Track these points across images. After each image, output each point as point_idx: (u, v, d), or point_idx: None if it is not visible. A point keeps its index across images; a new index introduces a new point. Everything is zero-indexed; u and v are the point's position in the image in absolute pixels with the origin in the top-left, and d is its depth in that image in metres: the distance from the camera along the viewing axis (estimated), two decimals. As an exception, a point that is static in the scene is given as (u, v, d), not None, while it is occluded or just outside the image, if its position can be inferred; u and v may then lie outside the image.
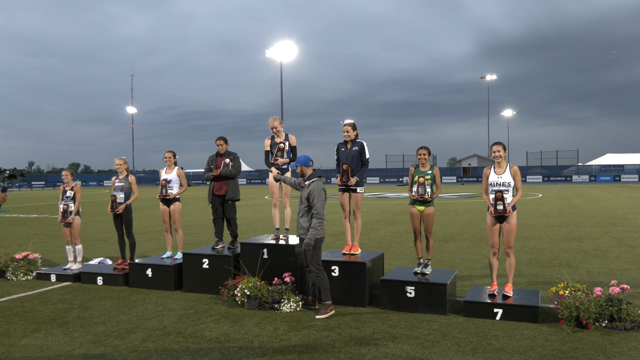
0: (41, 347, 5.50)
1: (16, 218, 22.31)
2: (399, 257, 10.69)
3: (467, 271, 9.16)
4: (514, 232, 6.53)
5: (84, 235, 15.08)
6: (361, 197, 7.51)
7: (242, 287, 6.87)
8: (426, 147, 7.13)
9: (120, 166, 9.01)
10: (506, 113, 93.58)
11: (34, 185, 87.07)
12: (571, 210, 22.28)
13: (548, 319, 6.17)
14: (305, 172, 6.84)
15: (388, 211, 22.90)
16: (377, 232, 15.00)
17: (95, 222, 19.61)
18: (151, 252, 11.67)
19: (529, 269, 9.33)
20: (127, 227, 9.00)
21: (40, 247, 12.94)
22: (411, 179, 7.19)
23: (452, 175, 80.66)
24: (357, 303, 6.96)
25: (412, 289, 6.66)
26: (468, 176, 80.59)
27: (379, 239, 13.47)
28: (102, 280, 8.60)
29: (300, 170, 6.84)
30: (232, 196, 8.43)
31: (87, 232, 16.08)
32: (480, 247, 11.93)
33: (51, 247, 12.95)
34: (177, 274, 8.20)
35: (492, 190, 6.57)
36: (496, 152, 6.60)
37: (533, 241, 12.75)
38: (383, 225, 16.86)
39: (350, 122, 7.46)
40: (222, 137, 8.53)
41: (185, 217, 20.44)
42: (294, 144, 7.95)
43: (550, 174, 75.88)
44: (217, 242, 8.50)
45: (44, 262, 10.55)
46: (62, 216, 9.12)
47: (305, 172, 6.84)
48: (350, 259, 7.17)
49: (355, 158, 7.39)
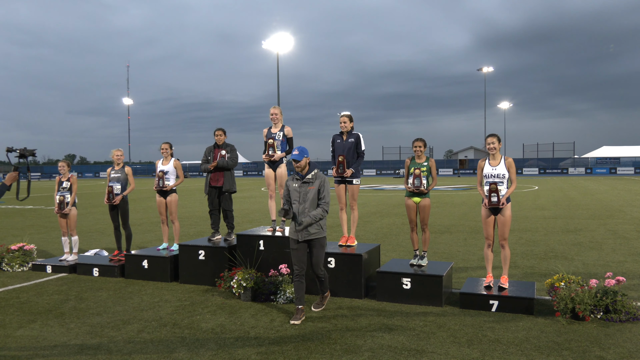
0: (37, 338, 5.50)
1: (12, 209, 22.25)
2: (395, 249, 10.71)
3: (463, 263, 9.18)
4: (508, 224, 6.54)
5: (80, 226, 15.06)
6: (357, 189, 7.50)
7: (238, 278, 6.86)
8: (422, 139, 7.12)
9: (117, 157, 8.98)
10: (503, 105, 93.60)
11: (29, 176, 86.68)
12: (567, 202, 22.33)
13: (543, 311, 6.19)
14: (306, 165, 6.21)
15: (384, 203, 22.92)
16: (374, 224, 15.01)
17: (92, 214, 19.57)
18: (147, 243, 11.65)
19: (525, 260, 9.35)
20: (124, 218, 8.98)
21: (36, 238, 12.91)
22: (407, 171, 7.18)
23: (449, 167, 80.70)
24: (354, 295, 6.98)
25: (408, 280, 6.67)
26: (464, 168, 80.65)
27: (375, 231, 13.48)
28: (98, 271, 8.59)
29: (305, 163, 6.13)
30: (228, 188, 8.42)
31: (83, 223, 16.05)
32: (476, 239, 11.95)
33: (47, 239, 12.92)
34: (173, 266, 8.19)
35: (486, 182, 6.57)
36: (491, 144, 6.60)
37: (529, 233, 12.78)
38: (379, 217, 16.87)
39: (347, 114, 7.44)
40: (221, 128, 8.51)
41: (181, 209, 20.42)
42: (290, 136, 7.94)
43: (547, 167, 75.95)
44: (213, 234, 8.49)
45: (40, 253, 10.53)
46: (59, 207, 9.09)
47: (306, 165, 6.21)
48: (347, 251, 7.17)
49: (351, 150, 7.38)
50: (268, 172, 8.07)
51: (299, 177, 6.14)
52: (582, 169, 73.56)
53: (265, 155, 7.95)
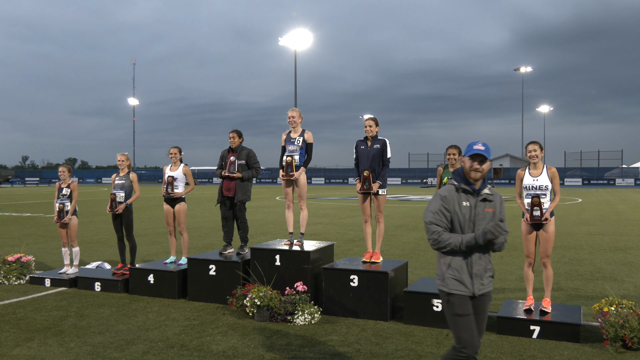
0: (34, 358, 5.54)
1: (8, 217, 22.61)
2: (424, 266, 10.62)
3: (499, 283, 9.06)
4: (551, 240, 6.45)
5: (81, 236, 15.22)
6: (384, 200, 7.47)
7: (252, 296, 6.86)
8: (457, 147, 7.09)
9: (122, 162, 9.07)
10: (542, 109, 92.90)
11: (27, 181, 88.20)
12: (615, 217, 21.97)
13: (590, 338, 6.07)
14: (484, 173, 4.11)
15: (411, 215, 22.80)
16: (400, 239, 14.93)
17: (93, 223, 19.79)
18: (153, 256, 11.73)
19: (569, 282, 9.21)
20: (128, 228, 9.05)
21: (34, 248, 13.08)
22: (439, 181, 7.14)
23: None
24: (379, 316, 6.92)
25: (439, 302, 6.60)
26: (499, 178, 79.98)
27: (401, 246, 13.40)
28: (100, 286, 8.66)
29: (488, 169, 4.04)
30: (241, 198, 8.43)
31: (84, 233, 16.22)
32: (514, 256, 11.81)
33: (46, 249, 13.09)
34: (182, 281, 8.22)
35: (527, 194, 6.49)
36: (532, 152, 6.52)
37: (573, 251, 12.59)
38: (406, 231, 16.78)
39: (373, 117, 7.43)
40: (236, 130, 8.54)
41: (190, 219, 20.54)
42: (311, 141, 7.93)
43: (591, 177, 74.98)
44: (225, 247, 8.51)
45: (38, 265, 10.66)
46: (58, 216, 9.19)
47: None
48: (371, 268, 7.13)
49: (377, 157, 7.36)
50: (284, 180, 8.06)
51: (470, 190, 4.01)
52: (630, 180, 72.33)
53: (283, 174, 7.86)
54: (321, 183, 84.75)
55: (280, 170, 7.91)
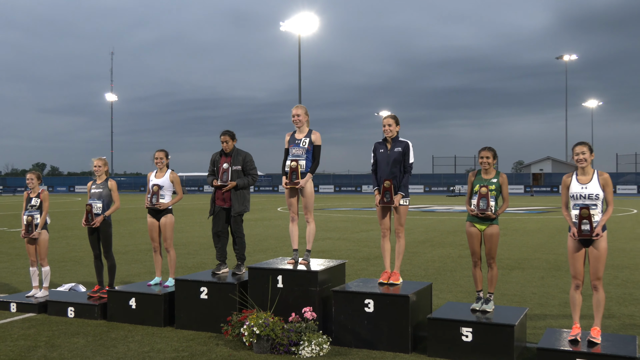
0: (-2, 396, 5.57)
1: (-32, 231, 22.74)
2: (451, 289, 10.61)
3: (540, 309, 9.04)
4: (603, 259, 6.42)
5: (51, 254, 15.26)
6: (405, 211, 7.49)
7: (250, 324, 6.87)
8: (491, 149, 7.09)
9: (99, 168, 9.11)
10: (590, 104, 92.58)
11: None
12: (676, 231, 21.86)
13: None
14: None
15: (436, 229, 22.78)
16: (422, 256, 14.91)
17: (66, 238, 19.89)
18: (135, 277, 11.77)
19: (622, 307, 9.17)
20: (106, 244, 9.09)
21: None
22: (470, 189, 7.14)
23: (519, 183, 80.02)
24: (398, 348, 6.91)
25: (470, 330, 6.59)
26: (539, 185, 79.83)
27: (424, 266, 13.39)
28: (73, 311, 8.69)
29: None
30: (239, 210, 8.45)
31: (55, 250, 16.28)
32: (557, 277, 11.78)
33: (11, 269, 13.16)
34: (168, 306, 8.24)
35: (574, 204, 6.48)
36: (580, 155, 6.51)
37: (627, 271, 12.54)
38: (430, 248, 16.76)
39: (392, 115, 7.46)
40: (227, 131, 8.59)
41: (178, 234, 20.59)
42: (319, 143, 7.96)
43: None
44: (218, 266, 8.54)
45: (2, 288, 10.72)
46: (26, 230, 9.25)
47: None
48: (389, 291, 7.13)
49: (398, 162, 7.37)
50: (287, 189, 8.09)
51: None
52: (694, 187, 71.99)
53: (286, 181, 7.89)
54: (330, 191, 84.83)
55: (283, 177, 7.94)
